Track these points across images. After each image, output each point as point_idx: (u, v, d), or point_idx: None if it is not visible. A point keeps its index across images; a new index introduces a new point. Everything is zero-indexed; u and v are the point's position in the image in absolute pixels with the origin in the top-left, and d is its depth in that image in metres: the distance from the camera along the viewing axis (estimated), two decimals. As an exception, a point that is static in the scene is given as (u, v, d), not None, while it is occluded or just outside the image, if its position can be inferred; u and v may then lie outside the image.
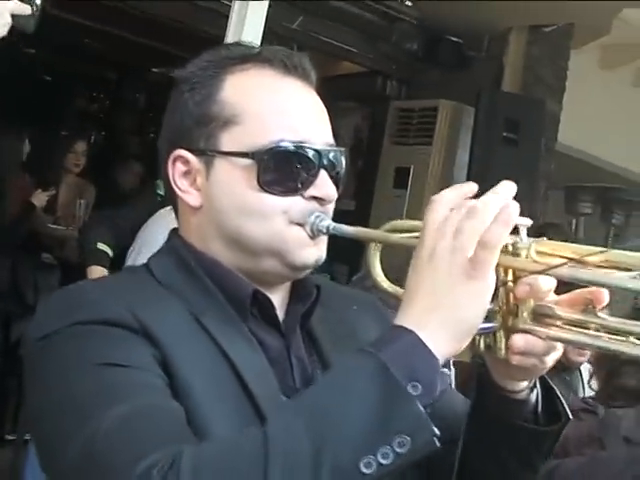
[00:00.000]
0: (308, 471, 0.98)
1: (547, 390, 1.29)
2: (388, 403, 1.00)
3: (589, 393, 3.28)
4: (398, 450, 0.98)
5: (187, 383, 1.17)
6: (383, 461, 0.98)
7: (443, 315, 1.05)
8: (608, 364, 2.63)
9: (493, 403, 1.27)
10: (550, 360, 1.18)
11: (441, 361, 1.04)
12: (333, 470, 0.98)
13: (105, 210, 4.94)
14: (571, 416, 1.28)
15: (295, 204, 1.31)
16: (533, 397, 1.27)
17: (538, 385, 1.28)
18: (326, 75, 6.77)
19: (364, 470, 0.97)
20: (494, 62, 6.13)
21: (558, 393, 1.29)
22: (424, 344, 1.03)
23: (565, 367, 3.77)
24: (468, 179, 5.40)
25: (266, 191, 1.30)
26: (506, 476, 1.34)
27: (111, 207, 4.98)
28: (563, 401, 1.28)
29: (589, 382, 3.20)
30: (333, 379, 1.08)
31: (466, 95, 5.87)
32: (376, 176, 6.15)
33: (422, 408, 1.00)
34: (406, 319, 1.06)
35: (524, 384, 1.26)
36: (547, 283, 1.12)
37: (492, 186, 1.10)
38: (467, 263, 1.05)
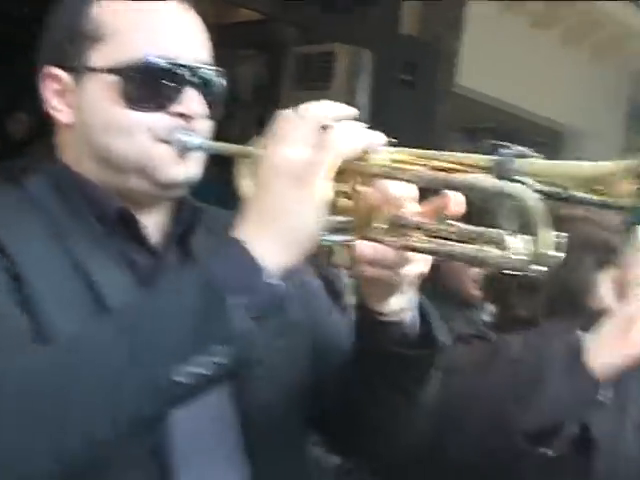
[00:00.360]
0: (110, 385, 1.00)
1: (423, 316, 1.27)
2: (205, 313, 1.00)
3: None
4: (215, 360, 0.99)
5: (36, 297, 1.17)
6: (201, 371, 0.99)
7: (275, 224, 1.05)
8: (495, 295, 2.66)
9: (366, 326, 1.27)
10: (408, 273, 1.17)
11: (275, 271, 1.04)
12: (142, 384, 1.00)
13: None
14: (447, 342, 1.29)
15: (159, 120, 1.29)
16: (407, 320, 1.25)
17: (416, 310, 1.26)
18: (224, 22, 6.68)
19: (177, 379, 0.98)
20: (393, 4, 6.12)
21: (432, 318, 1.27)
22: (250, 255, 1.03)
23: (466, 302, 3.80)
24: (367, 122, 5.41)
25: (131, 108, 1.29)
26: (377, 401, 1.33)
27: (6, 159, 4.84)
28: (437, 326, 1.27)
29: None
30: (155, 293, 1.10)
31: (364, 38, 5.85)
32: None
33: (244, 318, 1.00)
34: (241, 230, 1.06)
35: (393, 304, 1.23)
36: (401, 190, 1.10)
37: (390, 129, 1.10)
38: (300, 169, 1.05)
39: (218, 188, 1.88)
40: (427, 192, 1.11)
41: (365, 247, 1.13)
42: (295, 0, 6.20)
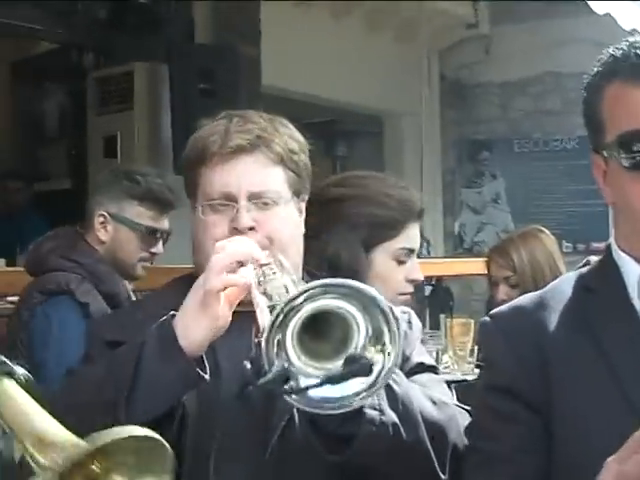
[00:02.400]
0: None
1: None
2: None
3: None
4: None
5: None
6: None
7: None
8: None
9: None
10: None
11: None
12: None
13: None
14: None
15: None
16: None
17: None
18: (25, 57, 6.56)
19: None
20: (185, 18, 6.12)
21: None
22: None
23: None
24: (174, 137, 5.41)
25: None
26: None
27: None
28: None
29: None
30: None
31: (161, 54, 5.85)
32: (87, 150, 6.07)
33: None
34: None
35: None
36: None
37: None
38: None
39: None
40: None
41: None
42: (89, 24, 6.15)
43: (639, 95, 1.44)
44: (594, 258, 1.68)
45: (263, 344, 1.35)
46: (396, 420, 1.56)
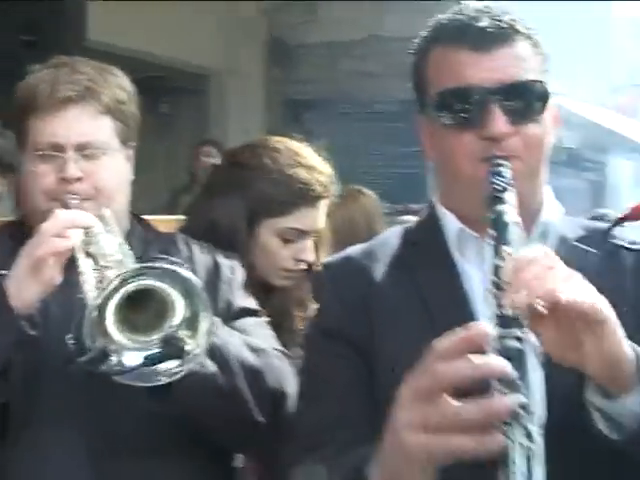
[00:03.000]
0: None
1: None
2: None
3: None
4: None
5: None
6: None
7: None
8: None
9: None
10: None
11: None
12: None
13: None
14: None
15: None
16: None
17: None
18: None
19: None
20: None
21: None
22: None
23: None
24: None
25: None
26: None
27: None
28: None
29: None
30: None
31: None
32: None
33: None
34: None
35: None
36: None
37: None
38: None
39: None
40: None
41: None
42: None
43: (458, 57, 1.53)
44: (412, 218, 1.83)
45: (85, 322, 1.53)
46: (215, 370, 1.71)
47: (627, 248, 1.55)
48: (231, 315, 1.96)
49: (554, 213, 1.66)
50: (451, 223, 1.64)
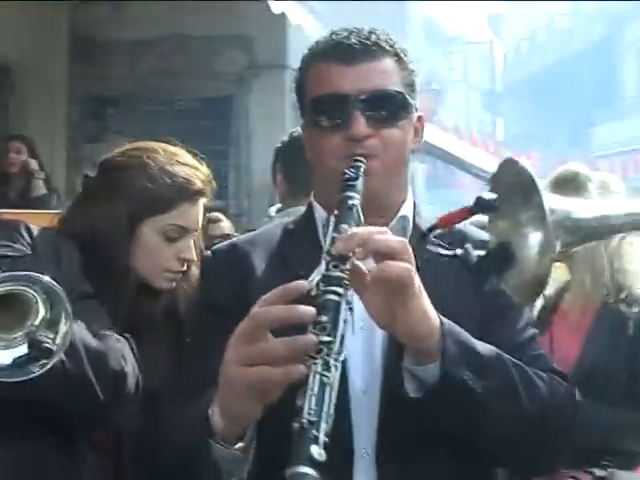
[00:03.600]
0: None
1: None
2: None
3: None
4: None
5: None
6: None
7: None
8: None
9: None
10: None
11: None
12: None
13: None
14: None
15: None
16: None
17: None
18: None
19: None
20: None
21: None
22: None
23: None
24: None
25: None
26: None
27: None
28: None
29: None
30: None
31: None
32: None
33: None
34: None
35: None
36: None
37: None
38: None
39: None
40: None
41: None
42: None
43: (329, 69, 1.80)
44: None
45: None
46: (62, 357, 1.81)
47: (442, 255, 1.76)
48: (72, 298, 1.99)
49: (410, 210, 1.91)
50: (319, 213, 1.91)
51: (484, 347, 1.67)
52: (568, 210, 1.40)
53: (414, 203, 1.95)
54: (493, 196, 1.48)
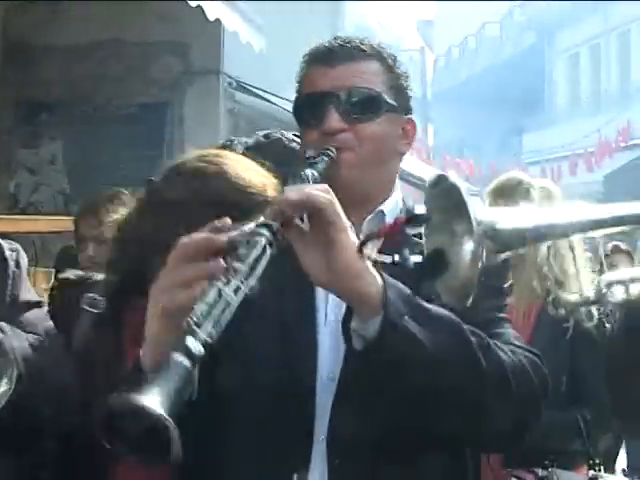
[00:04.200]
0: None
1: None
2: None
3: None
4: None
5: None
6: None
7: None
8: None
9: None
10: None
11: None
12: None
13: None
14: None
15: None
16: None
17: None
18: None
19: None
20: None
21: None
22: None
23: None
24: None
25: None
26: None
27: None
28: None
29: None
30: None
31: None
32: None
33: None
34: None
35: None
36: None
37: None
38: None
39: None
40: None
41: None
42: None
43: (313, 70, 1.94)
44: None
45: None
46: None
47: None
48: (16, 309, 2.06)
49: (391, 208, 1.96)
50: None
51: (434, 307, 1.65)
52: (493, 221, 1.48)
53: (404, 203, 2.00)
54: (424, 211, 1.55)
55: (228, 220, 1.49)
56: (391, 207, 1.97)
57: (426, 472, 1.80)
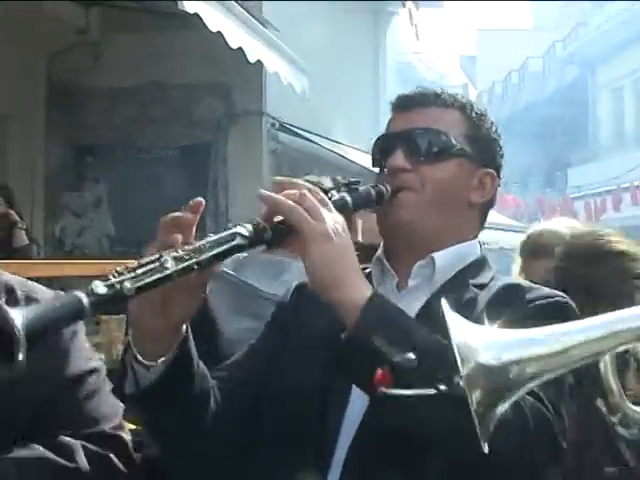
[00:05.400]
0: None
1: None
2: None
3: None
4: None
5: None
6: None
7: None
8: None
9: None
10: None
11: None
12: None
13: None
14: None
15: None
16: None
17: None
18: None
19: None
20: None
21: None
22: None
23: None
24: None
25: None
26: None
27: None
28: None
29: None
30: None
31: None
32: None
33: None
34: None
35: None
36: None
37: None
38: None
39: None
40: None
41: None
42: None
43: (393, 116, 1.95)
44: None
45: None
46: None
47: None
48: (63, 386, 1.92)
49: (450, 257, 1.85)
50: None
51: (423, 329, 1.56)
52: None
53: (475, 255, 1.90)
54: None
55: (201, 201, 1.58)
56: (444, 254, 1.84)
57: None
